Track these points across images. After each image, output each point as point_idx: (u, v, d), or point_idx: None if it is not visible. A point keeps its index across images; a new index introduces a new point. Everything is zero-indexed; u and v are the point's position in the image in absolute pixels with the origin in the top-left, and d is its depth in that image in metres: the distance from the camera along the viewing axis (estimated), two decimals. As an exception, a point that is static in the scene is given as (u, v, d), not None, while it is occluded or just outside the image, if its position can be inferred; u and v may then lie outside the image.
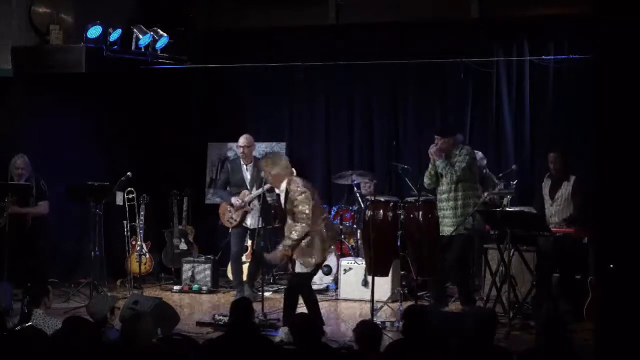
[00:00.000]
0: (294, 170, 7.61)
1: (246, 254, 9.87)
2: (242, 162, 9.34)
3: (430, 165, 8.35)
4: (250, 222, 9.27)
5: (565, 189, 8.39)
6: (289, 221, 7.37)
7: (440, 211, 8.34)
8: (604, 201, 5.24)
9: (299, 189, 7.31)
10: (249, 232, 9.37)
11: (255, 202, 9.19)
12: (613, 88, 5.19)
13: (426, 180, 8.38)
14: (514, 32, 10.26)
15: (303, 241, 7.31)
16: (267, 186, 9.07)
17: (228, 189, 9.35)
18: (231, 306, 5.94)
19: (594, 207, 5.37)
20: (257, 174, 9.19)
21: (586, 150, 8.82)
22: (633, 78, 5.13)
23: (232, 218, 9.33)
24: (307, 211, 7.24)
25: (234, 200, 9.23)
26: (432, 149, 8.29)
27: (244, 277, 9.43)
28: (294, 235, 7.25)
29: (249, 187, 9.29)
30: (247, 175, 9.32)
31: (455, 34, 10.26)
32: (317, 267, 7.57)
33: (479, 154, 9.57)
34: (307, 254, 7.38)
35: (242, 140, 9.32)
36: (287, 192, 7.37)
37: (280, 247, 7.44)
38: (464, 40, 10.24)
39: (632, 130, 5.12)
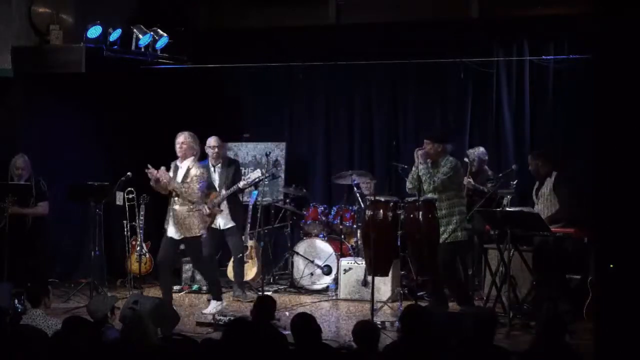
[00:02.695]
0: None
1: (247, 254, 9.88)
2: (210, 164, 9.39)
3: (413, 169, 8.27)
4: (221, 222, 9.35)
5: (547, 187, 8.44)
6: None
7: None
8: (604, 201, 5.24)
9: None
10: (228, 231, 9.41)
11: (225, 202, 9.30)
12: (613, 88, 5.20)
13: (408, 185, 8.26)
14: (514, 32, 10.26)
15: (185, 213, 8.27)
16: (239, 184, 9.14)
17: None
18: (255, 302, 6.05)
19: (594, 207, 5.37)
20: (226, 175, 9.30)
21: (586, 150, 8.83)
22: (633, 78, 5.13)
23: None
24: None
25: (204, 209, 9.30)
26: (419, 151, 8.22)
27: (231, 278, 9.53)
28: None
29: (217, 188, 9.35)
30: (216, 177, 9.40)
31: (455, 34, 10.27)
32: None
33: (481, 149, 9.56)
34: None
35: (214, 141, 9.37)
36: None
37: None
38: (464, 40, 10.25)
39: (632, 130, 5.12)
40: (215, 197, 9.33)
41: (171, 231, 8.35)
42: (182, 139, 8.46)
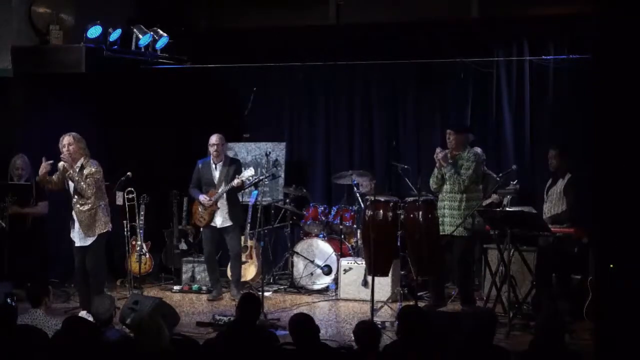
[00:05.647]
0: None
1: (246, 254, 9.88)
2: (212, 161, 9.42)
3: (436, 170, 8.39)
4: (218, 221, 9.39)
5: (559, 187, 8.44)
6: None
7: (441, 210, 8.38)
8: (604, 201, 5.24)
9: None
10: (225, 230, 9.43)
11: (224, 201, 9.31)
12: (613, 88, 5.20)
13: (432, 185, 8.47)
14: (514, 32, 10.25)
15: (87, 213, 8.15)
16: (233, 183, 9.14)
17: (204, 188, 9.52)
18: (239, 301, 5.97)
19: (594, 207, 5.37)
20: (226, 173, 9.33)
21: (586, 149, 8.81)
22: (633, 78, 5.13)
23: (201, 217, 9.44)
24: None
25: (202, 198, 9.38)
26: (440, 155, 8.31)
27: (230, 277, 9.55)
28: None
29: (217, 186, 9.35)
30: (216, 174, 9.43)
31: (455, 34, 10.27)
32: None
33: (478, 150, 9.59)
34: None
35: (215, 138, 9.40)
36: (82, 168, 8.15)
37: None
38: (464, 40, 10.24)
39: (632, 130, 5.13)
40: (213, 195, 9.35)
41: (77, 239, 8.25)
42: (67, 141, 8.20)
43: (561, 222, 8.29)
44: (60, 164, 8.24)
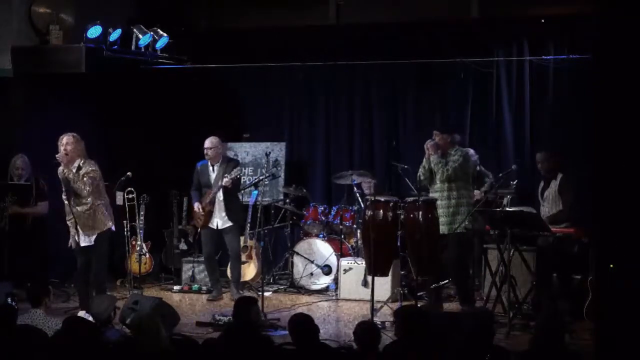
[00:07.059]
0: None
1: (246, 254, 9.88)
2: (209, 163, 9.43)
3: (424, 160, 8.43)
4: (218, 223, 9.39)
5: (552, 188, 8.46)
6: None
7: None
8: (604, 201, 5.24)
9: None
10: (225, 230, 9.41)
11: (221, 203, 9.30)
12: (613, 88, 5.20)
13: (420, 176, 8.46)
14: (514, 32, 10.26)
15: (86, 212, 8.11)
16: (223, 182, 9.13)
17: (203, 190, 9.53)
18: (235, 304, 5.96)
19: (594, 207, 5.37)
20: (223, 174, 9.31)
21: (586, 149, 8.82)
22: (633, 78, 5.14)
23: (199, 218, 9.48)
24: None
25: (196, 206, 9.42)
26: (429, 143, 8.38)
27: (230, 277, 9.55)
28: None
29: (214, 187, 9.38)
30: (213, 176, 9.43)
31: (455, 34, 10.27)
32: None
33: (470, 151, 9.60)
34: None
35: (207, 142, 9.41)
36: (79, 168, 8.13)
37: None
38: (464, 40, 10.25)
39: (632, 130, 5.13)
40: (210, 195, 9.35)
41: (81, 240, 8.18)
42: (66, 140, 8.17)
43: (558, 222, 8.31)
44: (60, 169, 8.20)
